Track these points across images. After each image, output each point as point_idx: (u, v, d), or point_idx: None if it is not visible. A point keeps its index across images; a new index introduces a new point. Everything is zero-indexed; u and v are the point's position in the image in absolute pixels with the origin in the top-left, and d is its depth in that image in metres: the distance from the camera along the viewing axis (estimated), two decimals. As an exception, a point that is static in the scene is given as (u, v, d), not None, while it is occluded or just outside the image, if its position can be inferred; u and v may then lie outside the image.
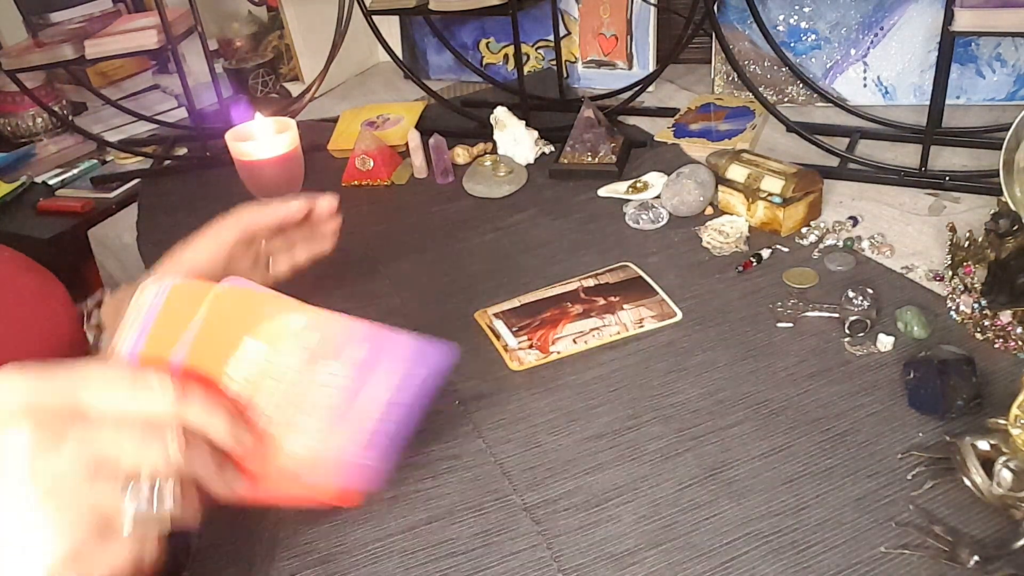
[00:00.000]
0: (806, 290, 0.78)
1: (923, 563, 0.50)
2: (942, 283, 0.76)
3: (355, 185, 1.13)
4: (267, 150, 1.08)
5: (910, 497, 0.55)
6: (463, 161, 1.14)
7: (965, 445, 0.54)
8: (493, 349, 0.75)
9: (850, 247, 0.83)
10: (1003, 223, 0.71)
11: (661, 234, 0.91)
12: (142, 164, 1.33)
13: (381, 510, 0.60)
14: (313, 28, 1.52)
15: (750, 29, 1.19)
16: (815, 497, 0.56)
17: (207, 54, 1.23)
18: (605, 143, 1.06)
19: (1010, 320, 0.67)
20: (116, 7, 1.43)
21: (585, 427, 0.65)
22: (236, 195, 1.12)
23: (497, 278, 0.87)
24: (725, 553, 0.53)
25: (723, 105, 1.20)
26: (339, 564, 0.56)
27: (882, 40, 1.14)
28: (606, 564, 0.53)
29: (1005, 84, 1.10)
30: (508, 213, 1.00)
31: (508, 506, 0.59)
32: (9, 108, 1.44)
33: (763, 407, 0.65)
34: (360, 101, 1.44)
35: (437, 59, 1.53)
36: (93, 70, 1.47)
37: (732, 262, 0.83)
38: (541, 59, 1.45)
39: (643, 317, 0.76)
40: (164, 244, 0.63)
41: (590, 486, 0.60)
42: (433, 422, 0.67)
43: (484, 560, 0.55)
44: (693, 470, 0.60)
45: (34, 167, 1.37)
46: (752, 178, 0.88)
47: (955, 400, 0.60)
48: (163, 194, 1.20)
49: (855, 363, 0.68)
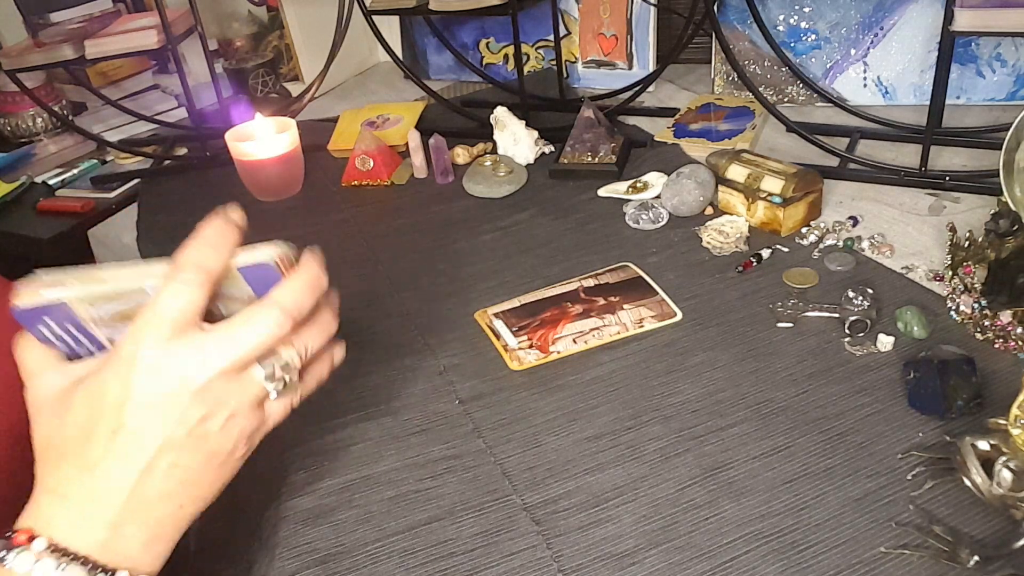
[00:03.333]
0: (806, 290, 0.78)
1: (923, 563, 0.50)
2: (942, 283, 0.76)
3: (355, 185, 1.13)
4: (267, 150, 1.08)
5: (910, 497, 0.55)
6: (463, 161, 1.14)
7: (965, 445, 0.54)
8: (493, 349, 0.75)
9: (850, 247, 0.83)
10: (1003, 223, 0.71)
11: (661, 234, 0.91)
12: (142, 164, 1.33)
13: (381, 510, 0.60)
14: (313, 28, 1.52)
15: (750, 29, 1.19)
16: (815, 497, 0.56)
17: (207, 54, 1.23)
18: (605, 143, 1.06)
19: (1010, 320, 0.67)
20: (116, 7, 1.43)
21: (585, 427, 0.65)
22: (236, 195, 1.13)
23: (497, 278, 0.87)
24: (725, 553, 0.53)
25: (723, 105, 1.20)
26: (339, 564, 0.56)
27: (882, 40, 1.14)
28: (606, 564, 0.53)
29: (1005, 84, 1.10)
30: (508, 213, 1.00)
31: (508, 506, 0.59)
32: (9, 108, 1.44)
33: (763, 407, 0.65)
34: (360, 101, 1.44)
35: (437, 59, 1.53)
36: (93, 70, 1.47)
37: (732, 262, 0.83)
38: (541, 59, 1.45)
39: (643, 317, 0.76)
40: (164, 244, 0.62)
41: (590, 486, 0.59)
42: (433, 422, 0.68)
43: (484, 560, 0.55)
44: (693, 470, 0.60)
45: (34, 167, 1.37)
46: (752, 178, 0.88)
47: (955, 400, 0.60)
48: (163, 194, 1.20)
49: (855, 363, 0.68)
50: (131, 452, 0.40)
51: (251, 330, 0.42)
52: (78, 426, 0.41)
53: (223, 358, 0.41)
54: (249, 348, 0.42)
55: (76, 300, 0.43)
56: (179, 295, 0.41)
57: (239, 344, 0.42)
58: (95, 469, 0.40)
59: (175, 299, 0.41)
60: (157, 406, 0.40)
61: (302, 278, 0.44)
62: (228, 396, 0.42)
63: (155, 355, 0.40)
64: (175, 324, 0.41)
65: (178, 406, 0.41)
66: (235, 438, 0.43)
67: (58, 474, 0.41)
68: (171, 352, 0.40)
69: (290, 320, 0.43)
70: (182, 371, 0.41)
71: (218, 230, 0.43)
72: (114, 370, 0.41)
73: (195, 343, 0.41)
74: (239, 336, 0.42)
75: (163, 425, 0.41)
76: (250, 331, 0.42)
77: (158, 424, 0.41)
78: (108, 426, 0.40)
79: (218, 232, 0.43)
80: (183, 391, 0.41)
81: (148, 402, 0.40)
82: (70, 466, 0.41)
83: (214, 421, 0.42)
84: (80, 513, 0.40)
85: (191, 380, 0.41)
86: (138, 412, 0.40)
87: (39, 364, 0.44)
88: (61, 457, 0.41)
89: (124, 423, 0.40)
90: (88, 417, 0.41)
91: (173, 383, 0.40)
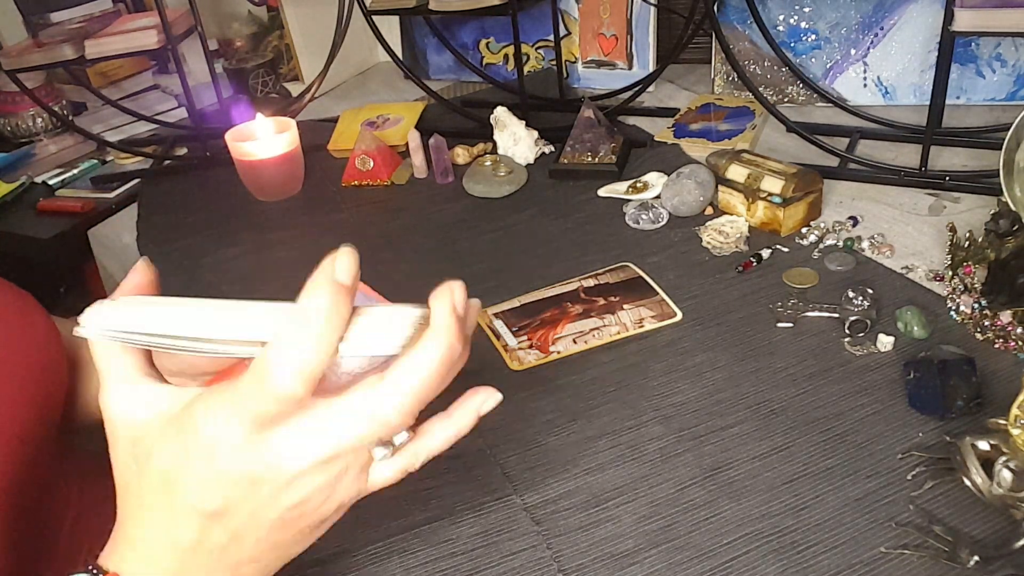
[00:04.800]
0: (806, 290, 0.78)
1: (923, 563, 0.50)
2: (942, 283, 0.76)
3: (355, 185, 1.13)
4: (267, 150, 1.08)
5: (910, 497, 0.55)
6: (463, 161, 1.14)
7: (965, 445, 0.54)
8: (493, 349, 0.75)
9: (850, 247, 0.83)
10: (1003, 223, 0.71)
11: (661, 234, 0.91)
12: (142, 164, 1.33)
13: (381, 510, 0.60)
14: (313, 28, 1.52)
15: (750, 29, 1.19)
16: (815, 497, 0.56)
17: (207, 54, 1.23)
18: (605, 143, 1.06)
19: (1010, 320, 0.67)
20: (116, 7, 1.43)
21: (585, 427, 0.65)
22: (236, 195, 1.13)
23: (497, 278, 0.87)
24: (725, 553, 0.53)
25: (723, 105, 1.20)
26: (339, 564, 0.56)
27: (882, 40, 1.14)
28: (606, 564, 0.53)
29: (1005, 84, 1.10)
30: (508, 213, 1.00)
31: (508, 506, 0.59)
32: (9, 108, 1.44)
33: (763, 407, 0.65)
34: (360, 101, 1.44)
35: (437, 59, 1.53)
36: (93, 70, 1.47)
37: (732, 262, 0.83)
38: (541, 59, 1.45)
39: (643, 317, 0.76)
40: (164, 244, 0.62)
41: (590, 486, 0.59)
42: (433, 422, 0.68)
43: (484, 560, 0.55)
44: (693, 470, 0.60)
45: (34, 167, 1.37)
46: (752, 178, 0.88)
47: (955, 400, 0.60)
48: (163, 194, 1.20)
49: (855, 363, 0.68)
50: (217, 531, 0.36)
51: (359, 420, 0.34)
52: (157, 483, 0.36)
53: (322, 448, 0.34)
54: (353, 440, 0.34)
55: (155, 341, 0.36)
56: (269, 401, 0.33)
57: (342, 435, 0.34)
58: (178, 545, 0.36)
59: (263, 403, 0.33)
60: (246, 490, 0.35)
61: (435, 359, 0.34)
62: (327, 479, 0.35)
63: (239, 444, 0.34)
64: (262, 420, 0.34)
65: (270, 492, 0.35)
66: (332, 510, 0.37)
67: (140, 533, 0.37)
68: (259, 440, 0.34)
69: (411, 414, 0.35)
70: (272, 461, 0.34)
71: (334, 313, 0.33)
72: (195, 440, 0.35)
73: (288, 431, 0.34)
74: (344, 424, 0.34)
75: (253, 509, 0.35)
76: (359, 422, 0.34)
77: (247, 508, 0.35)
78: (191, 503, 0.36)
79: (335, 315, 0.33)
80: (276, 480, 0.34)
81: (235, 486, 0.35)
82: (153, 529, 0.37)
83: (311, 503, 0.36)
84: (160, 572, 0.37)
85: (284, 470, 0.34)
86: (224, 495, 0.35)
87: (115, 369, 0.37)
88: (140, 511, 0.37)
89: (209, 505, 0.35)
90: (167, 480, 0.36)
91: (262, 470, 0.34)
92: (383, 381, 0.34)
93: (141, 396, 0.37)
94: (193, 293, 0.38)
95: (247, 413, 0.33)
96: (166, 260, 0.98)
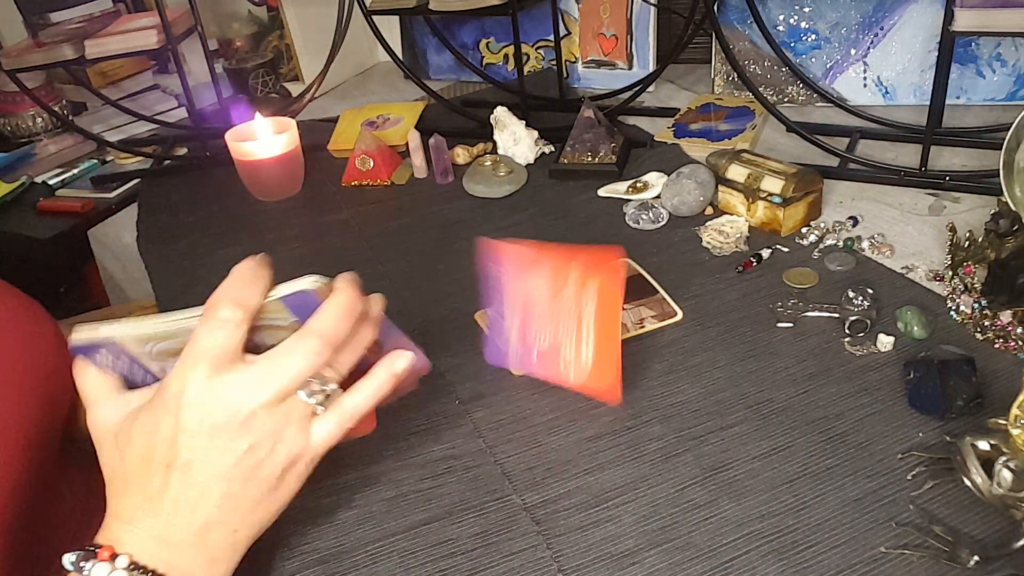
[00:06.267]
0: (806, 290, 0.78)
1: (923, 563, 0.50)
2: (942, 283, 0.76)
3: (355, 185, 1.13)
4: (267, 150, 1.08)
5: (910, 497, 0.55)
6: (463, 161, 1.14)
7: (965, 445, 0.54)
8: (493, 349, 0.75)
9: (850, 247, 0.83)
10: (1003, 223, 0.71)
11: (661, 234, 0.91)
12: (142, 164, 1.33)
13: (381, 510, 0.60)
14: (313, 28, 1.52)
15: (750, 29, 1.19)
16: (815, 497, 0.56)
17: (207, 54, 1.23)
18: (605, 143, 1.06)
19: (1010, 320, 0.67)
20: (116, 7, 1.43)
21: (585, 427, 0.65)
22: (236, 195, 1.13)
23: (497, 278, 0.86)
24: (725, 553, 0.53)
25: (723, 105, 1.20)
26: (339, 564, 0.56)
27: (882, 40, 1.14)
28: (606, 564, 0.53)
29: (1005, 84, 1.10)
30: (508, 213, 1.00)
31: (508, 506, 0.59)
32: (9, 108, 1.44)
33: (763, 407, 0.65)
34: (360, 101, 1.44)
35: (437, 59, 1.53)
36: (93, 70, 1.47)
37: (732, 262, 0.83)
38: (541, 59, 1.45)
39: (643, 317, 0.76)
40: (164, 244, 0.62)
41: (590, 486, 0.59)
42: (433, 422, 0.68)
43: (484, 560, 0.55)
44: (693, 470, 0.60)
45: (34, 167, 1.37)
46: (752, 178, 0.88)
47: (955, 400, 0.60)
48: (163, 194, 1.20)
49: (855, 363, 0.68)
50: (185, 484, 0.43)
51: (291, 360, 0.43)
52: (137, 459, 0.44)
53: (265, 389, 0.43)
54: (290, 378, 0.44)
55: (128, 338, 0.46)
56: (216, 332, 0.43)
57: (280, 374, 0.43)
58: (155, 500, 0.43)
59: (212, 336, 0.43)
60: (206, 439, 0.43)
61: (337, 304, 0.45)
62: (273, 424, 0.44)
63: (200, 391, 0.42)
64: (216, 360, 0.43)
65: (226, 438, 0.43)
66: (282, 462, 0.45)
67: (124, 501, 0.44)
68: (215, 387, 0.43)
69: (328, 348, 0.44)
70: (227, 405, 0.43)
71: (250, 268, 0.45)
72: (164, 407, 0.43)
73: (237, 377, 0.43)
74: (279, 367, 0.43)
75: (213, 457, 0.43)
76: (290, 361, 0.44)
77: (208, 456, 0.43)
78: (163, 460, 0.43)
79: (250, 270, 0.45)
80: (230, 424, 0.43)
81: (197, 436, 0.43)
82: (133, 495, 0.44)
83: (262, 448, 0.44)
84: (146, 537, 0.43)
85: (236, 413, 0.43)
86: (189, 446, 0.43)
87: (97, 392, 0.46)
88: (125, 487, 0.44)
89: (177, 457, 0.43)
90: (144, 452, 0.43)
91: (219, 416, 0.43)
92: (306, 327, 0.44)
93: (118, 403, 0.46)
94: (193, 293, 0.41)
95: (203, 353, 0.42)
96: (166, 260, 0.98)
